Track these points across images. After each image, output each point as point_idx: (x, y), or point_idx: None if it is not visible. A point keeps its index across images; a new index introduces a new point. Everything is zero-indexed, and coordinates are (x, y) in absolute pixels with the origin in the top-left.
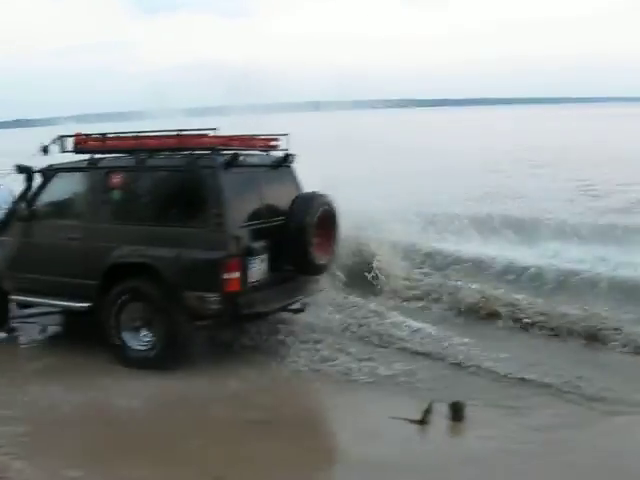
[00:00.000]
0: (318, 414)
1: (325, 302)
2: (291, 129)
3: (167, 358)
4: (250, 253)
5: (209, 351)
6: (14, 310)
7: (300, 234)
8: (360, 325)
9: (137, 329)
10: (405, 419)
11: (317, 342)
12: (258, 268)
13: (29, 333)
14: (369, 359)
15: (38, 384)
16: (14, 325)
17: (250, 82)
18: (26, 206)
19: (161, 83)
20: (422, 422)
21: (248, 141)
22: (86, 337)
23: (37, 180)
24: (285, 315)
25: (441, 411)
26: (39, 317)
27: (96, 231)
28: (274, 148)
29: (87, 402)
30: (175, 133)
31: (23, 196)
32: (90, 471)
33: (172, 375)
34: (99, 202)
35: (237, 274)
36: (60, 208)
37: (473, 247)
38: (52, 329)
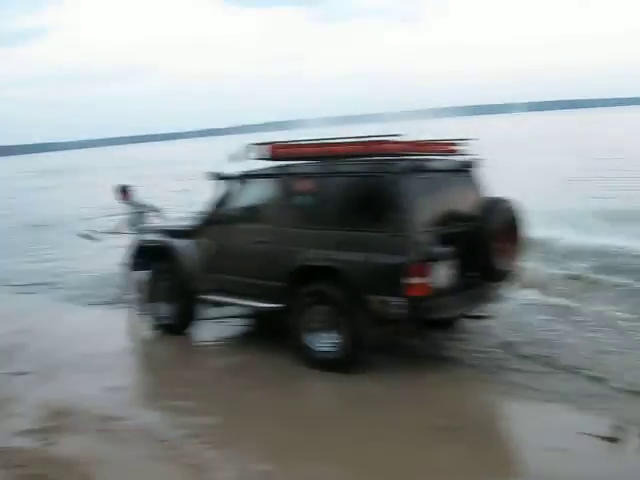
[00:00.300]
0: (499, 423)
1: (506, 307)
2: (465, 133)
3: (350, 360)
4: (434, 258)
5: (392, 355)
6: (208, 310)
7: (483, 239)
8: (535, 332)
9: (322, 331)
10: (595, 435)
11: (495, 349)
12: (441, 273)
13: (220, 332)
14: (547, 369)
15: (230, 380)
16: (207, 324)
17: (414, 88)
18: (219, 210)
19: (335, 91)
20: (613, 440)
21: (430, 146)
22: (274, 337)
23: (229, 186)
24: (467, 321)
25: (632, 430)
26: (231, 316)
27: (284, 235)
28: (456, 153)
29: (274, 399)
30: (360, 139)
31: (217, 201)
32: (278, 466)
33: (356, 377)
34: (287, 207)
35: (420, 279)
36: (250, 212)
37: None
38: (243, 328)
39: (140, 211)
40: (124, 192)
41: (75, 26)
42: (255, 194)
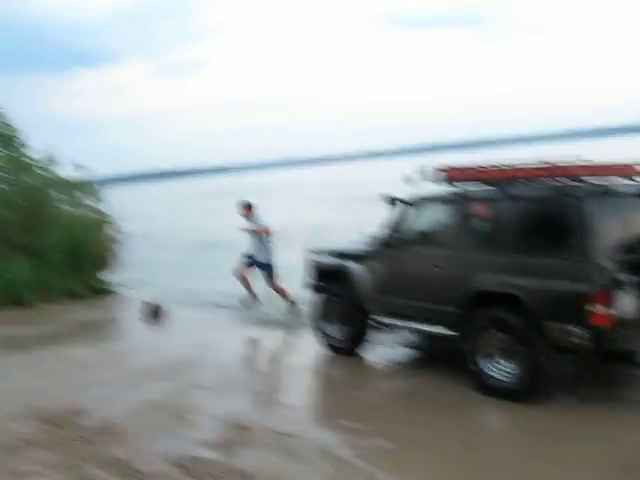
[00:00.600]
0: None
1: None
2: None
3: (526, 390)
4: (620, 286)
5: (569, 386)
6: (379, 332)
7: None
8: None
9: (498, 358)
10: None
11: None
12: (627, 303)
13: (391, 354)
14: None
15: (403, 403)
16: (377, 346)
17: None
18: (393, 234)
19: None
20: None
21: (614, 169)
22: (445, 362)
23: (404, 209)
24: None
25: None
26: (402, 339)
27: (460, 260)
28: None
29: (448, 424)
30: (541, 162)
31: (391, 224)
32: None
33: (532, 408)
34: (462, 231)
35: (605, 308)
36: (424, 236)
37: None
38: (413, 352)
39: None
40: (248, 209)
41: (234, 56)
42: (430, 218)
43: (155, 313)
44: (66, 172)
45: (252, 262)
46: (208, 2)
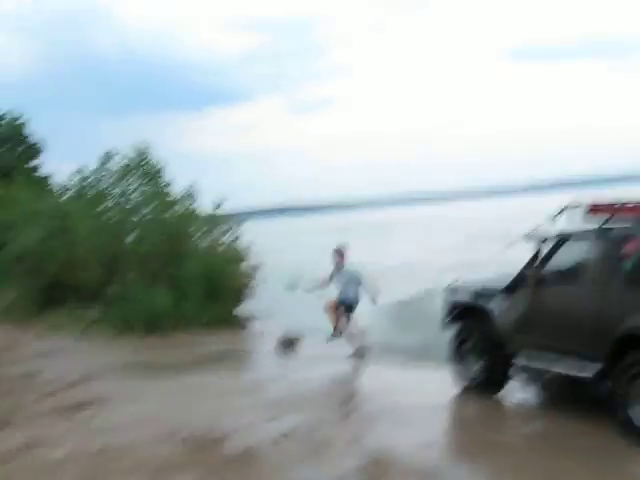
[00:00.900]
0: None
1: None
2: None
3: None
4: None
5: None
6: (516, 371)
7: None
8: None
9: None
10: None
11: None
12: None
13: (528, 395)
14: None
15: (540, 446)
16: (514, 386)
17: None
18: (534, 271)
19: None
20: None
21: None
22: (585, 405)
23: (545, 246)
24: None
25: None
26: (534, 379)
27: (605, 299)
28: None
29: (589, 473)
30: None
31: (532, 261)
32: None
33: None
34: (609, 269)
35: None
36: (567, 274)
37: None
38: (551, 393)
39: (352, 276)
40: (342, 256)
41: (362, 93)
42: (574, 255)
43: (290, 345)
44: (204, 207)
45: (347, 306)
46: (337, 41)
